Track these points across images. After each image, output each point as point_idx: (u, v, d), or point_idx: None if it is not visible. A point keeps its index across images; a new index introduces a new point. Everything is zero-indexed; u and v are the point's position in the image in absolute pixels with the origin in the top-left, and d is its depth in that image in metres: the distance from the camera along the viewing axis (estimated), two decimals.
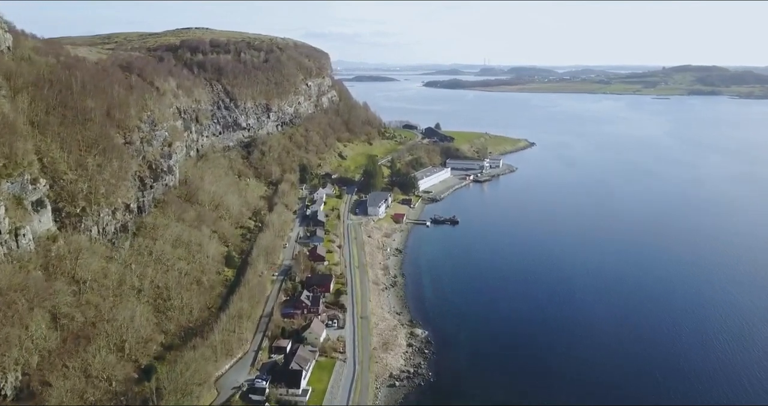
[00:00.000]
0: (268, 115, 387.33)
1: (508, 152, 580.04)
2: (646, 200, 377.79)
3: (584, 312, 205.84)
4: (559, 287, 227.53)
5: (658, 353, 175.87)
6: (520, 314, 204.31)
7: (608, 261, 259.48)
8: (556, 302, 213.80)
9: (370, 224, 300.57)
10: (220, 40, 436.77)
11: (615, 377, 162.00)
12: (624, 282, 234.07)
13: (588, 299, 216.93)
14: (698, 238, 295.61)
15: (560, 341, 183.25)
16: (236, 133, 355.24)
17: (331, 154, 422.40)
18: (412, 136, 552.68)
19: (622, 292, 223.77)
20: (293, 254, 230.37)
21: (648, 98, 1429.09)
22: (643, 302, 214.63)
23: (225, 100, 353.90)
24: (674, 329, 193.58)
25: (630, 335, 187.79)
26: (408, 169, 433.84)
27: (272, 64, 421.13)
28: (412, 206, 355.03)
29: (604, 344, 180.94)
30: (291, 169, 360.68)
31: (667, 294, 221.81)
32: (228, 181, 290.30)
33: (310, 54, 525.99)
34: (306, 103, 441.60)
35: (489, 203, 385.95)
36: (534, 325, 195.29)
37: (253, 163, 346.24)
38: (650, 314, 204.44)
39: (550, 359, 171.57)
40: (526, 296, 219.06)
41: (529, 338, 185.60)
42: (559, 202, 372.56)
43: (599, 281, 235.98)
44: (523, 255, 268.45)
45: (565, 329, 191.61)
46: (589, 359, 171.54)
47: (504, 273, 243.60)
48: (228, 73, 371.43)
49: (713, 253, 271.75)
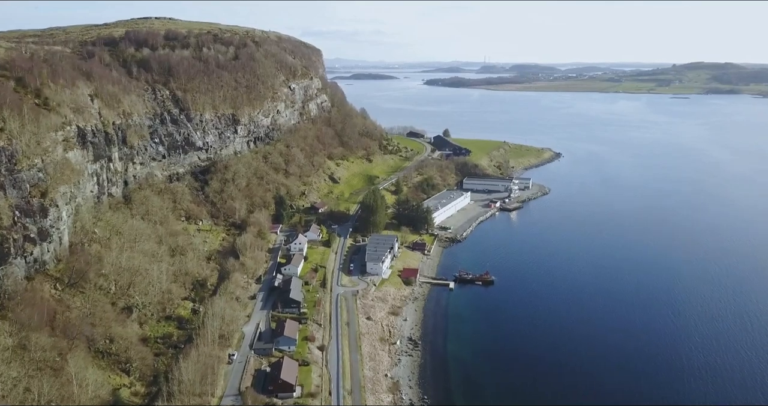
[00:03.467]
0: (235, 129, 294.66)
1: (533, 166, 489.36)
2: (727, 239, 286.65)
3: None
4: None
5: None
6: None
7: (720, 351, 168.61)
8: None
9: (369, 291, 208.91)
10: (179, 32, 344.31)
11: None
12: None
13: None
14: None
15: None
16: (188, 155, 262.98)
17: (320, 178, 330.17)
18: (420, 148, 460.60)
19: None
20: (240, 383, 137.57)
21: (666, 98, 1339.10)
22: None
23: (173, 111, 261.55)
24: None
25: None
26: (417, 195, 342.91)
27: (244, 62, 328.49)
28: (426, 252, 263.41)
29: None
30: (263, 202, 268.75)
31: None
32: (161, 235, 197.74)
33: (296, 50, 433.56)
34: (288, 112, 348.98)
35: (526, 242, 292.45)
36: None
37: (209, 197, 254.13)
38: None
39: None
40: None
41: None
42: (615, 241, 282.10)
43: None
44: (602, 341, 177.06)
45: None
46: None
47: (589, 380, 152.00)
48: (180, 73, 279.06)
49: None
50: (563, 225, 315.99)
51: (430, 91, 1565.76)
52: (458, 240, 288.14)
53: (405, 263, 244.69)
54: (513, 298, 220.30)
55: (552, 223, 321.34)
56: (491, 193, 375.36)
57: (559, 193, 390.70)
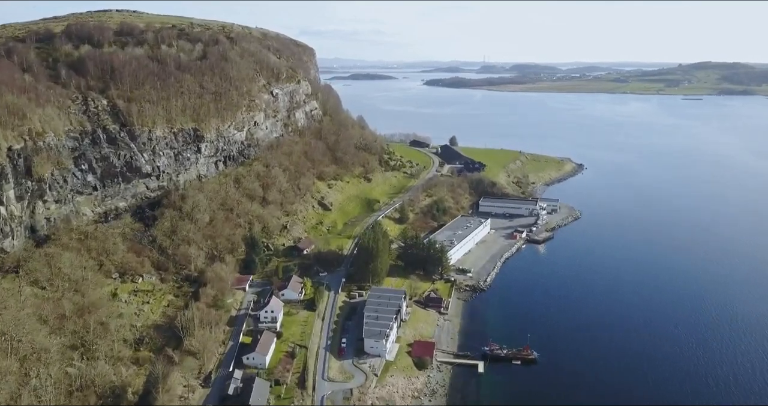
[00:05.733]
0: (198, 147, 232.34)
1: (555, 181, 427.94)
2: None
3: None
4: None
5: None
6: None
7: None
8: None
9: (369, 389, 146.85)
10: (135, 25, 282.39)
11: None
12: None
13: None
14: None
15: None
16: (131, 185, 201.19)
17: (307, 205, 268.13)
18: (426, 162, 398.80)
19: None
20: None
21: (677, 99, 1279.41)
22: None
23: (110, 127, 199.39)
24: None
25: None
26: (425, 224, 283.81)
27: (213, 63, 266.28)
28: (443, 311, 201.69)
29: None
30: (230, 245, 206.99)
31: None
32: (66, 313, 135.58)
33: (282, 48, 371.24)
34: (268, 123, 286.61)
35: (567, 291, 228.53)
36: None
37: (157, 241, 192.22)
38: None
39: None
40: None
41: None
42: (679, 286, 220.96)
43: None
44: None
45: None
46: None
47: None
48: (125, 77, 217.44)
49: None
50: (607, 264, 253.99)
51: (431, 92, 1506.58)
52: (481, 288, 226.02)
53: (416, 331, 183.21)
54: (564, 382, 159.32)
55: (594, 261, 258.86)
56: (513, 218, 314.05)
57: (593, 218, 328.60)
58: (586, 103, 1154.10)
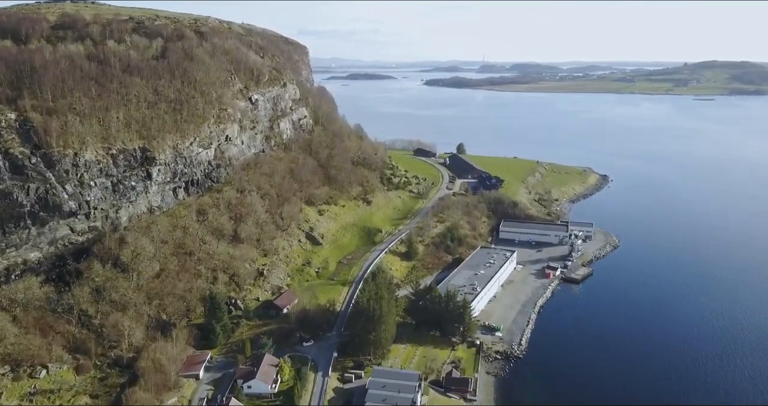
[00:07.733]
0: (147, 172, 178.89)
1: (580, 197, 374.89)
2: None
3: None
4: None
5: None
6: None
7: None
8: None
9: None
10: (79, 17, 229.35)
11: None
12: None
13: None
14: None
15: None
16: (46, 229, 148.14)
17: (292, 239, 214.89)
18: (434, 176, 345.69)
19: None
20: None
21: (689, 99, 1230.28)
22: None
23: (15, 152, 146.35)
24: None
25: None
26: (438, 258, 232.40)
27: (173, 63, 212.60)
28: (470, 397, 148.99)
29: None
30: (184, 307, 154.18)
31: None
32: None
33: (266, 45, 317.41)
34: (244, 137, 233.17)
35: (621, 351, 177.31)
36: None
37: (75, 310, 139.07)
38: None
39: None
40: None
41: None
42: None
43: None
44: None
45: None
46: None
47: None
48: (45, 82, 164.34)
49: None
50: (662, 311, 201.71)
51: (431, 93, 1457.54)
52: (516, 356, 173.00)
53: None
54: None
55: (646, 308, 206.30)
56: (541, 248, 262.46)
57: (633, 246, 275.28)
58: (593, 104, 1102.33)
